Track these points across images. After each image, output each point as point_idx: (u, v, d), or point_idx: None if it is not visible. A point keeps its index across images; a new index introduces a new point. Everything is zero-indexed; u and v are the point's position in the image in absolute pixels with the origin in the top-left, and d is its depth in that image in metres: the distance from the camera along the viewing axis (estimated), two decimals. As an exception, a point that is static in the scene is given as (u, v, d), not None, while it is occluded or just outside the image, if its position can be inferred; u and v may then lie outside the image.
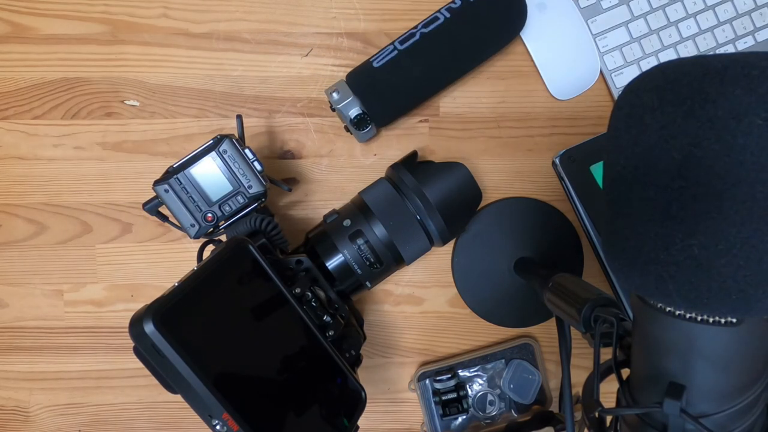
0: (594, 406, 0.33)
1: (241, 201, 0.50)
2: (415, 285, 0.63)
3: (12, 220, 0.62)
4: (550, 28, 0.60)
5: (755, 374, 0.30)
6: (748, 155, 0.24)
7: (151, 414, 0.65)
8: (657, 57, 0.61)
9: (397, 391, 0.64)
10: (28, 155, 0.61)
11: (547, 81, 0.61)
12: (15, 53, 0.60)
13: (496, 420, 0.62)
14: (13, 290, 0.63)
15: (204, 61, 0.61)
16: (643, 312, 0.30)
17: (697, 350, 0.28)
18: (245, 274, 0.47)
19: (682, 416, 0.29)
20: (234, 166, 0.50)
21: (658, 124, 0.26)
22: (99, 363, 0.64)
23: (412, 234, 0.53)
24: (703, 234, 0.25)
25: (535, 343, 0.62)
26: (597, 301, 0.39)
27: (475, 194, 0.56)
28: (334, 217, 0.54)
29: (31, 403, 0.64)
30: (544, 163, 0.62)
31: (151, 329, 0.38)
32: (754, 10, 0.60)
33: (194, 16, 0.60)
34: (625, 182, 0.28)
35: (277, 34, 0.61)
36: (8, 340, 0.63)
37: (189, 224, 0.50)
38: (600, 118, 0.62)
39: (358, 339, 0.54)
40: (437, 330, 0.64)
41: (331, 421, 0.48)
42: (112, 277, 0.63)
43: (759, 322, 0.28)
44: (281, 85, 0.61)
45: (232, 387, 0.41)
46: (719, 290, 0.25)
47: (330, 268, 0.53)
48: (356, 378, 0.51)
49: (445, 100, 0.61)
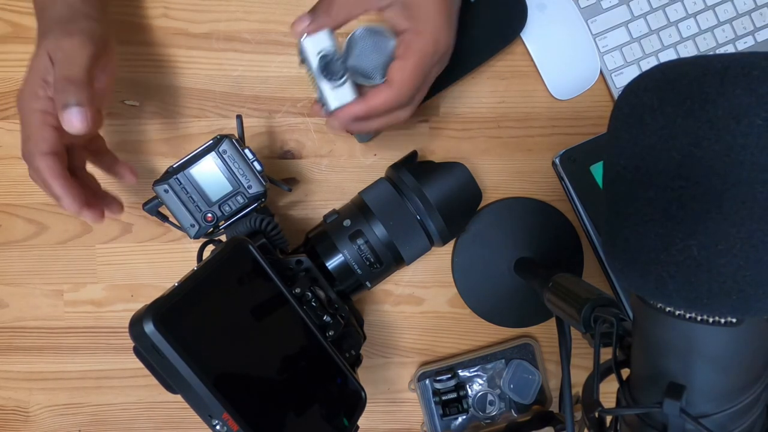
0: (594, 406, 0.33)
1: (240, 201, 0.50)
2: (415, 285, 0.63)
3: (12, 220, 0.62)
4: (550, 28, 0.60)
5: (755, 374, 0.30)
6: (748, 155, 0.24)
7: (151, 414, 0.65)
8: (657, 57, 0.61)
9: (397, 391, 0.64)
10: (28, 155, 0.61)
11: (547, 81, 0.61)
12: (15, 53, 0.60)
13: (496, 420, 0.62)
14: (13, 290, 0.63)
15: (204, 61, 0.61)
16: (643, 312, 0.30)
17: (697, 350, 0.28)
18: (245, 274, 0.47)
19: (682, 416, 0.29)
20: (234, 166, 0.50)
21: (658, 124, 0.26)
22: (99, 363, 0.64)
23: (412, 234, 0.53)
24: (703, 234, 0.25)
25: (535, 343, 0.62)
26: (597, 301, 0.39)
27: (475, 194, 0.56)
28: (334, 217, 0.54)
29: (31, 403, 0.64)
30: (544, 163, 0.62)
31: (151, 329, 0.38)
32: (754, 10, 0.60)
33: (194, 16, 0.60)
34: (625, 182, 0.28)
35: (277, 34, 0.61)
36: (8, 340, 0.63)
37: (189, 224, 0.50)
38: (600, 118, 0.62)
39: (358, 339, 0.54)
40: (437, 330, 0.64)
41: (331, 421, 0.48)
42: (112, 277, 0.63)
43: (759, 322, 0.28)
44: (281, 85, 0.61)
45: (232, 387, 0.41)
46: (719, 290, 0.25)
47: (330, 268, 0.53)
48: (356, 378, 0.51)
49: (445, 100, 0.61)
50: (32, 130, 0.45)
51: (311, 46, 0.45)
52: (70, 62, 0.44)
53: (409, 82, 0.44)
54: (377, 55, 0.46)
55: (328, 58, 0.44)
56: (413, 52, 0.43)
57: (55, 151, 0.45)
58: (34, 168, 0.45)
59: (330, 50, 0.44)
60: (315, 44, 0.45)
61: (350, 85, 0.45)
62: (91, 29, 0.47)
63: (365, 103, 0.45)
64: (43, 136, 0.45)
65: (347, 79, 0.45)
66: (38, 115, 0.45)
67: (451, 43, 0.45)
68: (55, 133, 0.45)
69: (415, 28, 0.43)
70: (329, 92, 0.45)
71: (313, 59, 0.45)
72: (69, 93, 0.43)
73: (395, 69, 0.44)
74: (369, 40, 0.46)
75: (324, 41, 0.44)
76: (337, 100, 0.45)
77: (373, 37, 0.46)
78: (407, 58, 0.43)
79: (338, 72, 0.44)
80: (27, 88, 0.46)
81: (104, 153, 0.54)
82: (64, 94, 0.43)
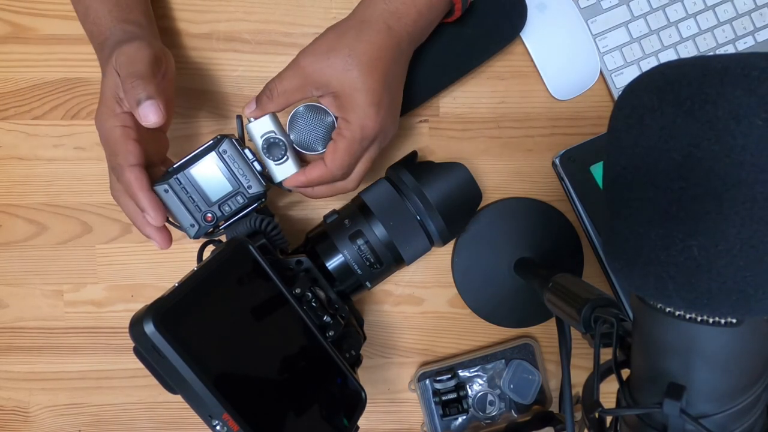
0: (594, 407, 0.33)
1: (240, 201, 0.50)
2: (415, 285, 0.63)
3: (12, 220, 0.62)
4: (550, 29, 0.60)
5: (755, 375, 0.30)
6: (747, 156, 0.24)
7: (152, 414, 0.65)
8: (657, 57, 0.61)
9: (397, 391, 0.64)
10: (28, 155, 0.61)
11: (547, 81, 0.61)
12: (15, 53, 0.60)
13: (496, 420, 0.62)
14: (13, 290, 0.63)
15: (204, 61, 0.61)
16: (643, 312, 0.30)
17: (697, 351, 0.28)
18: (245, 274, 0.47)
19: (682, 417, 0.29)
20: (234, 166, 0.50)
21: (658, 125, 0.26)
22: (99, 363, 0.64)
23: (412, 234, 0.53)
24: (703, 235, 0.25)
25: (535, 343, 0.62)
26: (597, 302, 0.39)
27: (475, 194, 0.56)
28: (334, 217, 0.54)
29: (31, 403, 0.64)
30: (544, 163, 0.62)
31: (151, 330, 0.38)
32: (754, 10, 0.60)
33: (194, 16, 0.60)
34: (625, 182, 0.28)
35: (277, 34, 0.61)
36: (8, 340, 0.63)
37: (189, 224, 0.50)
38: (600, 118, 0.62)
39: (358, 339, 0.54)
40: (437, 330, 0.64)
41: (331, 422, 0.48)
42: (112, 278, 0.63)
43: (759, 323, 0.28)
44: (281, 85, 0.61)
45: (232, 387, 0.41)
46: (719, 291, 0.25)
47: (330, 268, 0.53)
48: (356, 378, 0.51)
49: (445, 100, 0.61)
50: (116, 146, 0.46)
51: (256, 130, 0.50)
52: (132, 61, 0.46)
53: (340, 162, 0.49)
54: (317, 129, 0.52)
55: (271, 140, 0.50)
56: (342, 138, 0.49)
57: (141, 163, 0.46)
58: (124, 181, 0.46)
59: (272, 133, 0.50)
60: (259, 128, 0.50)
61: (293, 160, 0.51)
62: (139, 35, 0.50)
63: (304, 176, 0.50)
64: (128, 149, 0.46)
65: (288, 158, 0.51)
66: (119, 130, 0.46)
67: (382, 127, 0.49)
68: (138, 146, 0.46)
69: (344, 116, 0.49)
70: (274, 167, 0.51)
71: (258, 141, 0.51)
72: (138, 88, 0.45)
73: (329, 150, 0.49)
74: (309, 117, 0.52)
75: (267, 125, 0.50)
76: (281, 174, 0.51)
77: (313, 113, 0.52)
78: (337, 142, 0.49)
79: (280, 151, 0.50)
80: (103, 107, 0.47)
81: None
82: (134, 91, 0.45)
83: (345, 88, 0.47)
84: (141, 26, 0.52)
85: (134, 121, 0.46)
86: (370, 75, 0.47)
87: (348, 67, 0.47)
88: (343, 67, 0.47)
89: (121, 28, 0.50)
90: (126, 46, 0.47)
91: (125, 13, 0.51)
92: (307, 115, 0.52)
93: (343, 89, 0.48)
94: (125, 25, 0.51)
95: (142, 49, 0.47)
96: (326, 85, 0.48)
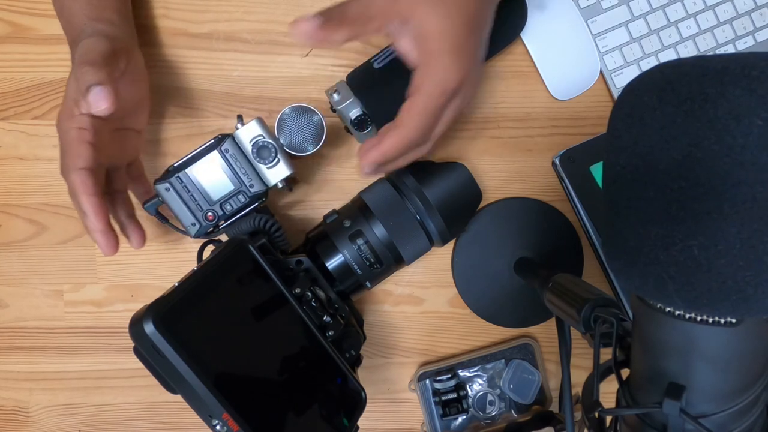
0: (594, 407, 0.33)
1: (242, 200, 0.50)
2: (415, 285, 0.63)
3: (12, 220, 0.62)
4: (550, 28, 0.60)
5: (755, 374, 0.30)
6: (747, 156, 0.24)
7: (151, 414, 0.65)
8: (657, 57, 0.61)
9: (397, 391, 0.64)
10: (28, 155, 0.61)
11: (547, 81, 0.61)
12: (15, 53, 0.60)
13: (496, 420, 0.62)
14: (13, 290, 0.63)
15: (204, 61, 0.61)
16: (642, 312, 0.30)
17: (696, 350, 0.28)
18: (245, 274, 0.47)
19: (682, 416, 0.29)
20: (236, 165, 0.50)
21: (658, 125, 0.26)
22: (99, 363, 0.64)
23: (412, 234, 0.53)
24: (703, 234, 0.25)
25: (535, 343, 0.62)
26: (597, 302, 0.39)
27: (475, 194, 0.56)
28: (334, 217, 0.54)
29: (31, 403, 0.64)
30: (544, 163, 0.62)
31: (151, 329, 0.38)
32: (754, 10, 0.60)
33: (194, 16, 0.60)
34: (625, 182, 0.28)
35: (277, 34, 0.61)
36: (8, 340, 0.63)
37: (190, 223, 0.50)
38: (600, 118, 0.62)
39: (358, 339, 0.54)
40: (437, 330, 0.64)
41: (331, 421, 0.48)
42: (112, 277, 0.63)
43: (759, 322, 0.28)
44: (281, 85, 0.61)
45: (232, 387, 0.41)
46: (719, 290, 0.25)
47: (330, 268, 0.53)
48: (356, 378, 0.51)
49: (445, 100, 0.61)
50: (68, 147, 0.46)
51: (244, 135, 0.50)
52: (86, 52, 0.46)
53: (418, 123, 0.43)
54: (306, 129, 0.52)
55: (260, 143, 0.50)
56: (420, 94, 0.42)
57: (89, 167, 0.46)
58: (69, 183, 0.46)
59: (261, 136, 0.50)
60: (247, 133, 0.50)
61: (284, 162, 0.50)
62: (107, 33, 0.50)
63: (378, 150, 0.44)
64: (78, 151, 0.46)
65: (280, 159, 0.50)
66: (74, 132, 0.46)
67: (467, 77, 0.43)
68: (90, 149, 0.46)
69: (424, 66, 0.42)
70: (265, 171, 0.50)
71: (247, 146, 0.50)
72: (88, 74, 0.44)
73: (403, 110, 0.43)
74: (296, 118, 0.52)
75: (255, 130, 0.50)
76: (274, 177, 0.51)
77: (300, 114, 0.52)
78: (414, 99, 0.43)
79: (270, 154, 0.50)
80: (63, 109, 0.48)
81: (143, 182, 0.56)
82: (84, 77, 0.44)
83: (427, 26, 0.41)
84: (113, 24, 0.51)
85: (92, 123, 0.46)
86: (458, 15, 0.41)
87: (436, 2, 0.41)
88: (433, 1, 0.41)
89: (92, 26, 0.50)
90: (86, 40, 0.48)
91: (98, 11, 0.51)
92: (294, 116, 0.52)
93: (424, 27, 0.41)
94: (96, 24, 0.50)
95: (99, 42, 0.47)
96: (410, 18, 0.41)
